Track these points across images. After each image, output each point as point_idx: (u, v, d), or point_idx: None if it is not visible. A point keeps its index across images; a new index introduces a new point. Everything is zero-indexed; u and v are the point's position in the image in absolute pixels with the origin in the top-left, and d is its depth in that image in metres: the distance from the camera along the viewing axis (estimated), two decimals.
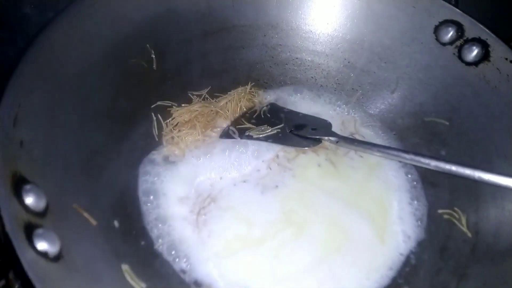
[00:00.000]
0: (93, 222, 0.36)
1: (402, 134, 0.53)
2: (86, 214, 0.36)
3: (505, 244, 0.39)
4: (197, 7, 0.53)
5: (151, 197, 0.44)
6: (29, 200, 0.30)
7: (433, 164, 0.40)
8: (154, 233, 0.41)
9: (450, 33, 0.49)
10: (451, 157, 0.48)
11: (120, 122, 0.46)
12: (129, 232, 0.39)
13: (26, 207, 0.30)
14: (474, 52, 0.47)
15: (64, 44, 0.40)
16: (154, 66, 0.51)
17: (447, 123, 0.49)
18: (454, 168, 0.39)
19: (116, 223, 0.39)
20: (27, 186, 0.31)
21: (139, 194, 0.44)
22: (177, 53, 0.53)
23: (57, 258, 0.29)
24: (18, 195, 0.30)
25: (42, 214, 0.31)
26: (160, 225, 0.42)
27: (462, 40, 0.48)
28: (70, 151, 0.39)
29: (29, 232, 0.28)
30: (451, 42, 0.49)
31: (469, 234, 0.42)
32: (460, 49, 0.48)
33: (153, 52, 0.50)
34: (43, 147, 0.35)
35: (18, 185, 0.30)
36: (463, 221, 0.43)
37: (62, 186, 0.35)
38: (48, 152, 0.35)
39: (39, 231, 0.29)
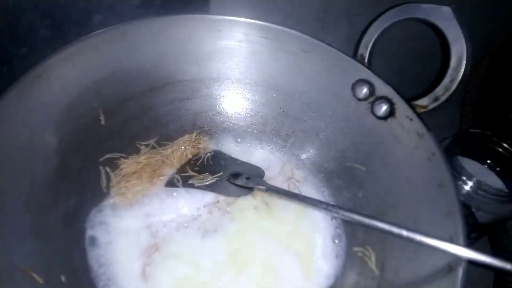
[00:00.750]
0: (40, 280, 0.40)
1: (328, 177, 0.60)
2: (33, 274, 0.40)
3: (401, 283, 0.46)
4: (142, 67, 0.58)
5: (98, 249, 0.48)
6: None
7: (342, 213, 0.47)
8: (100, 286, 0.46)
9: (364, 90, 0.56)
10: (366, 199, 0.56)
11: (69, 179, 0.50)
12: (75, 286, 0.44)
13: None
14: (383, 109, 0.55)
15: (12, 117, 0.45)
16: (102, 122, 0.55)
17: (364, 169, 0.56)
18: (363, 220, 0.46)
19: (63, 278, 0.43)
20: None
21: (86, 246, 0.48)
22: (125, 108, 0.58)
23: None
24: None
25: None
26: (107, 278, 0.46)
27: (373, 97, 0.55)
28: (19, 215, 0.43)
29: None
30: (365, 98, 0.56)
31: (376, 272, 0.49)
32: (372, 104, 0.56)
33: (100, 110, 0.55)
34: None
35: None
36: (373, 258, 0.50)
37: (10, 251, 0.40)
38: None
39: None
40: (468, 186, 0.56)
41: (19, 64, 0.62)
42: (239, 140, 0.64)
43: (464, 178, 0.56)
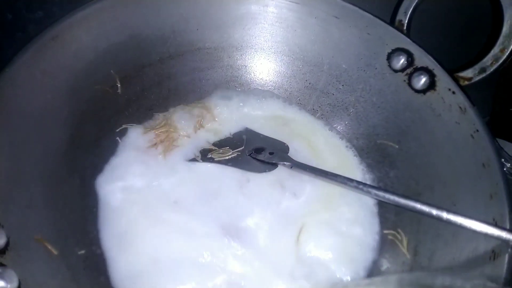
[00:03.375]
0: (54, 252, 0.38)
1: (357, 154, 0.56)
2: (47, 245, 0.38)
3: (436, 269, 0.43)
4: (162, 32, 0.54)
5: (114, 221, 0.46)
6: None
7: (374, 192, 0.44)
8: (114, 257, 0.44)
9: (401, 61, 0.51)
10: (398, 179, 0.52)
11: (85, 149, 0.48)
12: (90, 258, 0.42)
13: None
14: (422, 81, 0.50)
15: (27, 80, 0.42)
16: (118, 91, 0.53)
17: (397, 146, 0.52)
18: (397, 200, 0.42)
19: (78, 250, 0.41)
20: None
21: (101, 218, 0.46)
22: (142, 76, 0.55)
23: None
24: None
25: (1, 251, 0.33)
26: (121, 249, 0.44)
27: (412, 68, 0.51)
28: (34, 184, 0.41)
29: None
30: (402, 70, 0.52)
31: (408, 256, 0.46)
32: (410, 76, 0.51)
33: (117, 77, 0.52)
34: (6, 183, 0.38)
35: None
36: (405, 242, 0.47)
37: (25, 220, 0.38)
38: (9, 189, 0.38)
39: None
40: (505, 169, 0.51)
41: (34, 29, 0.59)
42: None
43: (502, 160, 0.51)
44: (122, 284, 0.42)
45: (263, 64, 0.60)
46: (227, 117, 0.58)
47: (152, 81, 0.55)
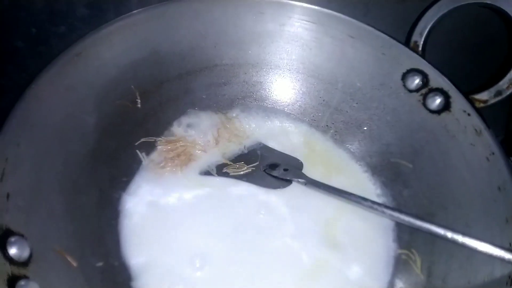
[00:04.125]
0: (74, 263, 0.39)
1: (370, 173, 0.56)
2: (67, 256, 0.39)
3: None
4: (180, 49, 0.56)
5: (131, 233, 0.47)
6: (13, 251, 0.34)
7: (388, 213, 0.44)
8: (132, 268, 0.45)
9: (416, 81, 0.52)
10: (412, 198, 0.52)
11: (104, 162, 0.49)
12: (108, 270, 0.43)
13: (10, 259, 0.33)
14: (437, 101, 0.50)
15: (51, 95, 0.44)
16: (138, 105, 0.54)
17: (411, 166, 0.53)
18: (412, 221, 0.42)
19: (96, 262, 0.42)
20: (12, 239, 0.34)
21: (119, 229, 0.47)
22: (161, 91, 0.56)
23: None
24: (3, 248, 0.33)
25: (25, 263, 0.34)
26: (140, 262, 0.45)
27: (427, 89, 0.51)
28: (54, 195, 0.42)
29: (12, 284, 0.32)
30: (416, 90, 0.52)
31: (422, 277, 0.46)
32: (424, 97, 0.51)
33: (137, 92, 0.53)
34: (28, 196, 0.39)
35: (3, 238, 0.34)
36: (418, 263, 0.47)
37: (46, 231, 0.39)
38: (33, 200, 0.39)
39: (22, 282, 0.33)
40: None
41: (57, 43, 0.61)
42: (277, 129, 0.61)
43: None
44: None
45: (278, 81, 0.61)
46: (241, 132, 0.59)
47: (170, 96, 0.57)
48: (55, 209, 0.42)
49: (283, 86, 0.61)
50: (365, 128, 0.57)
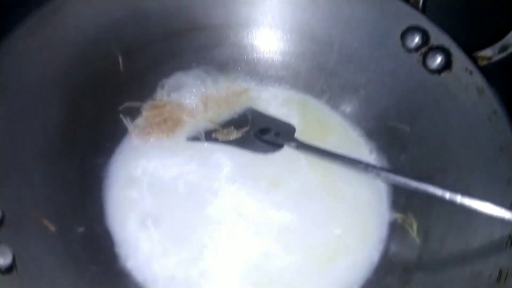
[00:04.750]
0: (52, 228, 0.37)
1: (367, 137, 0.54)
2: (44, 221, 0.37)
3: (447, 254, 0.41)
4: (166, 7, 0.52)
5: (115, 200, 0.45)
6: None
7: (384, 175, 0.42)
8: (116, 236, 0.43)
9: (415, 40, 0.49)
10: (410, 162, 0.50)
11: (85, 126, 0.47)
12: (90, 235, 0.41)
13: None
14: (437, 60, 0.48)
15: (24, 52, 0.41)
16: (120, 68, 0.51)
17: (408, 129, 0.50)
18: (409, 183, 0.40)
19: (77, 227, 0.40)
20: None
21: (102, 196, 0.45)
22: (145, 53, 0.53)
23: (9, 270, 0.31)
24: None
25: None
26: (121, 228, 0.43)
27: (426, 47, 0.48)
28: (31, 160, 0.40)
29: None
30: (416, 49, 0.49)
31: (418, 241, 0.44)
32: (424, 56, 0.49)
33: (119, 54, 0.50)
34: (2, 157, 0.37)
35: None
36: (414, 227, 0.45)
37: (20, 195, 0.37)
38: (6, 162, 0.37)
39: None
40: None
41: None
42: (269, 94, 0.58)
43: None
44: (127, 262, 0.41)
45: (271, 43, 0.58)
46: (231, 97, 0.56)
47: (155, 58, 0.54)
48: (32, 173, 0.40)
49: (276, 49, 0.58)
50: (362, 92, 0.55)
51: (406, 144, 0.50)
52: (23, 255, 0.33)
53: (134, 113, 0.52)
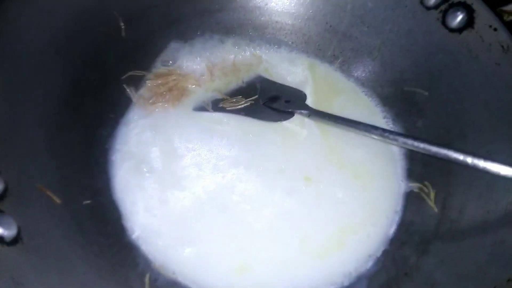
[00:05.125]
0: (57, 201, 0.36)
1: (382, 103, 0.51)
2: (49, 193, 0.36)
3: (467, 222, 0.39)
4: None
5: (121, 171, 0.44)
6: None
7: (402, 141, 0.40)
8: (123, 209, 0.42)
9: None
10: (427, 128, 0.47)
11: (88, 96, 0.45)
12: (96, 207, 0.40)
13: None
14: (458, 18, 0.44)
15: (24, 17, 0.39)
16: (122, 34, 0.49)
17: (426, 93, 0.48)
18: (430, 147, 0.38)
19: (83, 200, 0.39)
20: None
21: (108, 168, 0.44)
22: (147, 19, 0.50)
23: (14, 241, 0.30)
24: None
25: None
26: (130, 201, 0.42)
27: (447, 4, 0.45)
28: (34, 130, 0.38)
29: None
30: (435, 6, 0.46)
31: (435, 209, 0.42)
32: (444, 14, 0.45)
33: (121, 19, 0.48)
34: (4, 127, 0.35)
35: None
36: (432, 196, 0.43)
37: (24, 167, 0.36)
38: (7, 133, 0.35)
39: None
40: None
41: None
42: (278, 60, 0.55)
43: None
44: (134, 234, 0.40)
45: (279, 5, 0.55)
46: (239, 65, 0.54)
47: (158, 24, 0.51)
48: (36, 144, 0.38)
49: (285, 11, 0.55)
50: (377, 55, 0.52)
51: (423, 109, 0.48)
52: (29, 227, 0.32)
53: (137, 83, 0.50)
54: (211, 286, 0.39)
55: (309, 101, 0.51)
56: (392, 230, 0.43)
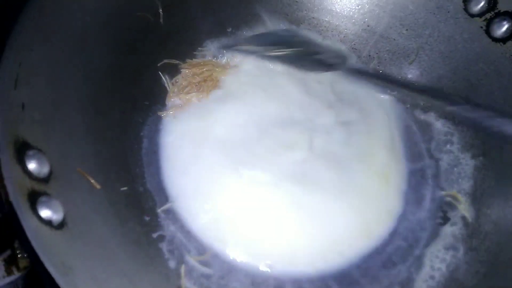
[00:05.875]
0: (97, 186, 0.36)
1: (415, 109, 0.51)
2: (90, 178, 0.36)
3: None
4: None
5: (155, 160, 0.44)
6: (32, 166, 0.30)
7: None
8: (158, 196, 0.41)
9: (481, 4, 0.45)
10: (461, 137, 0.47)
11: (125, 80, 0.45)
12: (132, 195, 0.40)
13: (29, 174, 0.30)
14: (504, 27, 0.44)
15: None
16: (161, 20, 0.48)
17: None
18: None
19: (120, 187, 0.39)
20: (30, 152, 0.31)
21: (142, 155, 0.44)
22: (187, 7, 0.50)
23: (61, 225, 0.30)
24: (21, 162, 0.30)
25: (45, 180, 0.31)
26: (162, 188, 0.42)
27: (493, 13, 0.45)
28: (73, 113, 0.38)
29: (33, 200, 0.29)
30: (480, 14, 0.46)
31: (469, 220, 0.42)
32: (489, 22, 0.45)
33: (160, 5, 0.47)
34: (46, 110, 0.35)
35: (21, 151, 0.30)
36: (465, 204, 0.43)
37: (66, 149, 0.35)
38: (50, 115, 0.35)
39: (43, 198, 0.29)
40: None
41: None
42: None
43: None
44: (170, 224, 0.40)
45: (316, 1, 0.54)
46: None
47: (197, 13, 0.50)
48: (75, 128, 0.38)
49: (322, 7, 0.54)
50: (415, 58, 0.51)
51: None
52: (73, 212, 0.31)
53: (173, 71, 0.49)
54: None
55: None
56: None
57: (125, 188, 0.39)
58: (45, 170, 0.31)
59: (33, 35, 0.34)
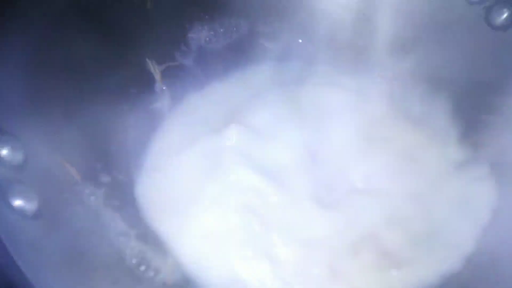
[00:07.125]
0: (78, 176, 0.34)
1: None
2: (69, 167, 0.34)
3: None
4: None
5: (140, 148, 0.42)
6: (4, 151, 0.28)
7: None
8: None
9: None
10: None
11: (109, 67, 0.43)
12: (116, 185, 0.38)
13: (1, 160, 0.28)
14: (504, 15, 0.43)
15: None
16: (147, 5, 0.46)
17: (461, 91, 0.46)
18: None
19: (102, 176, 0.37)
20: (3, 137, 0.29)
21: (128, 146, 0.42)
22: None
23: (35, 216, 0.28)
24: None
25: (19, 167, 0.29)
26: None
27: (492, 0, 0.43)
28: (54, 99, 0.36)
29: (5, 187, 0.27)
30: (479, 1, 0.44)
31: None
32: (488, 10, 0.44)
33: None
34: (22, 94, 0.33)
35: None
36: None
37: (44, 137, 0.33)
38: (28, 100, 0.33)
39: (15, 186, 0.27)
40: None
41: None
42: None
43: None
44: (152, 214, 0.38)
45: None
46: None
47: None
48: (54, 115, 0.36)
49: None
50: (411, 48, 0.50)
51: None
52: (49, 202, 0.29)
53: (161, 58, 0.47)
54: None
55: None
56: None
57: (108, 178, 0.37)
58: (19, 157, 0.29)
59: (9, 20, 0.32)
